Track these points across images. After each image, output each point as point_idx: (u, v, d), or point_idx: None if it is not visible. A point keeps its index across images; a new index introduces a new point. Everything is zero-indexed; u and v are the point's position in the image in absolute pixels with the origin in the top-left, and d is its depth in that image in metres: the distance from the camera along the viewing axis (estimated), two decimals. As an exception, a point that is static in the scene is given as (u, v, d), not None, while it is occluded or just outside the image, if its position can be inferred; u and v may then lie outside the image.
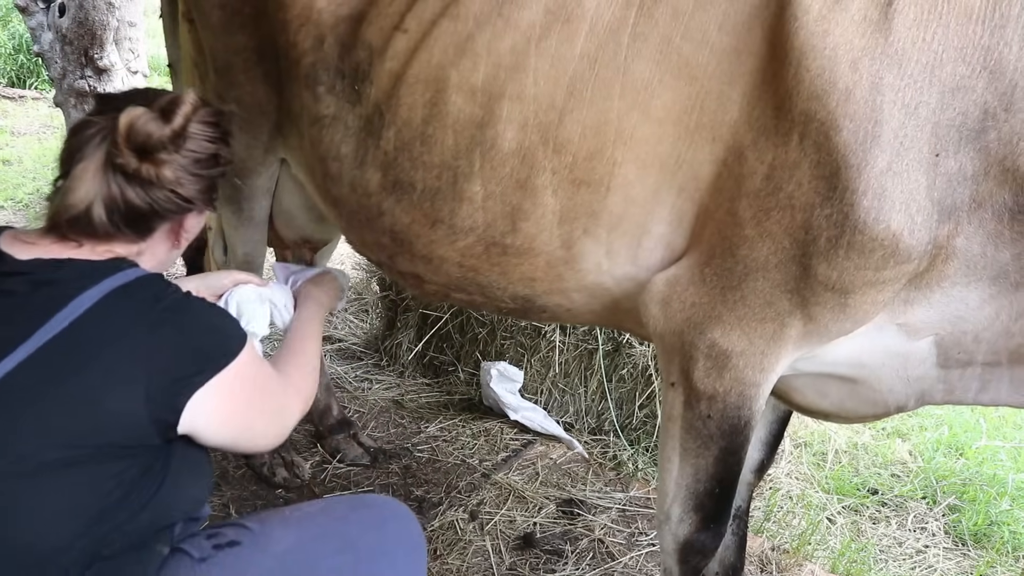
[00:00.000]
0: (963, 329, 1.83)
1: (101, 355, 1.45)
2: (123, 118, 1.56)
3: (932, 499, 3.68)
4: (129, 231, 1.63)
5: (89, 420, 1.43)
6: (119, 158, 1.57)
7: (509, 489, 3.37)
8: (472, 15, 2.00)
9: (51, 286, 1.50)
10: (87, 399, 1.43)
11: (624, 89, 1.85)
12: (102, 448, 1.44)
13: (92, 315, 1.48)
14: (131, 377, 1.45)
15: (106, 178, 1.58)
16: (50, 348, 1.44)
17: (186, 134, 1.64)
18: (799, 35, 1.67)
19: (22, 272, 1.53)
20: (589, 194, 1.93)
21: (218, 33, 2.53)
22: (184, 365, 1.52)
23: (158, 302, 1.55)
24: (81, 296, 1.48)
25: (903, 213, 1.63)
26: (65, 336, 1.45)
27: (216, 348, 1.58)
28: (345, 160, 2.25)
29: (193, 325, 1.58)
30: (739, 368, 1.86)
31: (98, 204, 1.58)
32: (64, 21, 6.25)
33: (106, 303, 1.50)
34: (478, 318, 4.03)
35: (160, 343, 1.50)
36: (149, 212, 1.64)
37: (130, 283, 1.55)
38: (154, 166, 1.60)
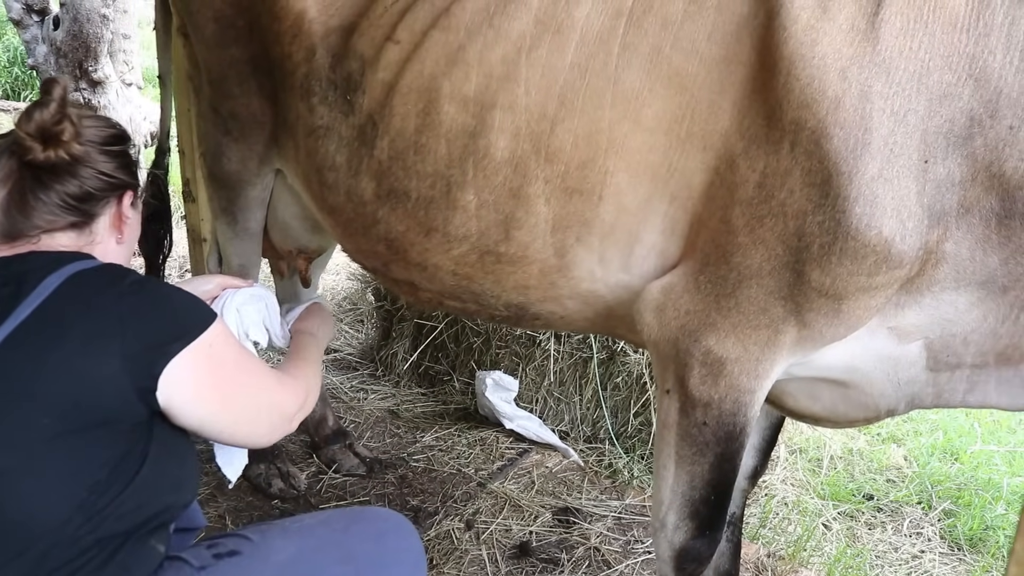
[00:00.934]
0: (952, 332, 1.85)
1: (74, 327, 1.48)
2: (19, 119, 1.65)
3: (927, 504, 3.69)
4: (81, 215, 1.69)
5: (73, 391, 1.45)
6: (37, 155, 1.62)
7: (505, 498, 3.38)
8: (463, 26, 2.02)
9: (18, 276, 1.54)
10: (69, 370, 1.45)
11: (615, 98, 1.87)
12: (88, 421, 1.46)
13: (61, 293, 1.52)
14: (106, 345, 1.48)
15: (16, 174, 1.64)
16: (24, 328, 1.47)
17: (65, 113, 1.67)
18: (788, 45, 1.69)
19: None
20: (581, 203, 1.94)
21: (212, 46, 2.55)
22: (157, 333, 1.54)
23: (124, 278, 1.59)
24: (47, 279, 1.52)
25: (894, 219, 1.65)
26: (37, 315, 1.48)
27: (188, 319, 1.60)
28: (340, 170, 2.26)
29: (162, 298, 1.61)
30: (734, 375, 1.87)
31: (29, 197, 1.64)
32: (59, 34, 6.27)
33: (73, 281, 1.54)
34: (473, 328, 4.04)
35: (130, 312, 1.52)
36: (84, 195, 1.68)
37: (94, 266, 1.60)
38: (65, 149, 1.64)
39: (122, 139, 1.78)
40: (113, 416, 1.49)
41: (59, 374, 1.45)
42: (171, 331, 1.56)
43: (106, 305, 1.52)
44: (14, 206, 1.62)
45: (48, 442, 1.43)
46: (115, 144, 1.75)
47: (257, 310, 2.04)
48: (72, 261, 1.59)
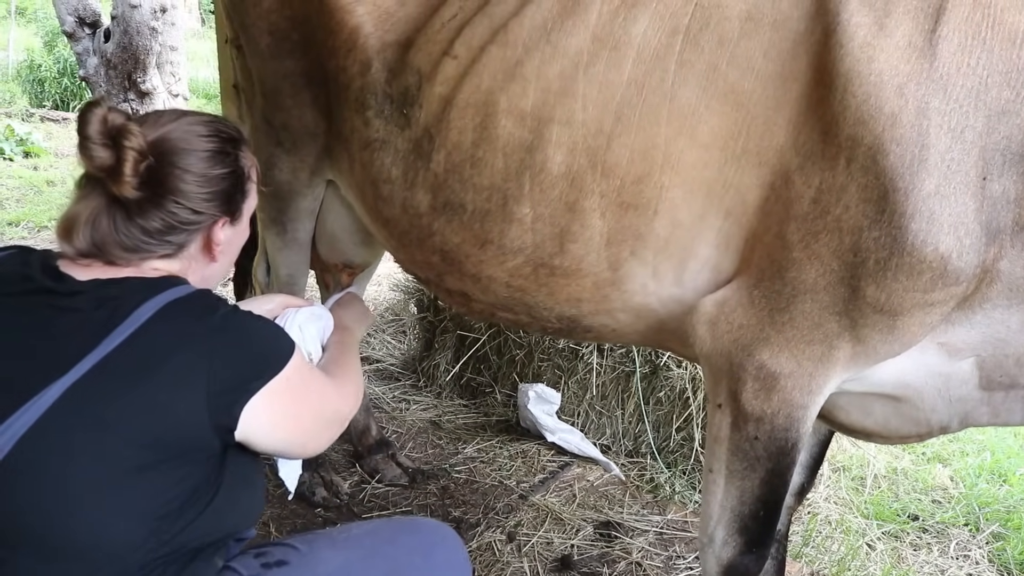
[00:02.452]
0: (1005, 352, 1.84)
1: (164, 361, 1.49)
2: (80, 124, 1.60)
3: (975, 526, 3.64)
4: (172, 237, 1.68)
5: (156, 425, 1.47)
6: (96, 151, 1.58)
7: (546, 511, 3.38)
8: (521, 41, 2.04)
9: (112, 301, 1.55)
10: (154, 403, 1.47)
11: (671, 115, 1.88)
12: (167, 454, 1.48)
13: (152, 324, 1.52)
14: (192, 382, 1.49)
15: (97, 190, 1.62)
16: (115, 357, 1.48)
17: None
18: (844, 61, 1.69)
19: (83, 291, 1.58)
20: (636, 217, 1.95)
21: (267, 59, 2.59)
22: (241, 371, 1.56)
23: (214, 312, 1.59)
24: (140, 308, 1.53)
25: (951, 236, 1.65)
26: (128, 345, 1.49)
27: (270, 355, 1.62)
28: (396, 182, 2.29)
29: (248, 333, 1.62)
30: (787, 390, 1.86)
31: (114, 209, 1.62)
32: (109, 46, 6.41)
33: (164, 313, 1.55)
34: (516, 340, 4.06)
35: (218, 350, 1.54)
36: (166, 210, 1.66)
37: (185, 296, 1.61)
38: (133, 150, 1.60)
39: (225, 161, 1.74)
40: (191, 448, 1.51)
41: (144, 407, 1.46)
42: (254, 368, 1.58)
43: (196, 340, 1.53)
44: (106, 234, 1.63)
45: (126, 473, 1.45)
46: (216, 168, 1.72)
47: (317, 329, 2.08)
48: (167, 288, 1.60)
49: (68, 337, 1.52)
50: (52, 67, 12.94)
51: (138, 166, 1.60)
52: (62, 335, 1.52)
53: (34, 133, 10.27)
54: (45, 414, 1.44)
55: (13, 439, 1.43)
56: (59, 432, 1.44)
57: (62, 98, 12.86)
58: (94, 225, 1.62)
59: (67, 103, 12.82)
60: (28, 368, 1.49)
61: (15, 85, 13.31)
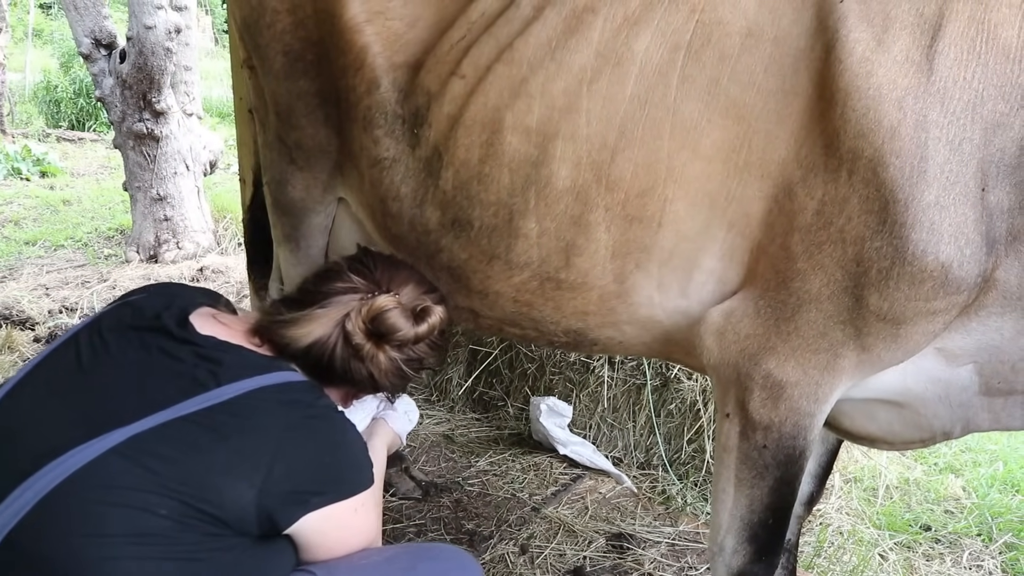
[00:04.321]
0: (1000, 359, 1.87)
1: (229, 441, 1.51)
2: (378, 303, 1.74)
3: (988, 537, 3.63)
4: (319, 377, 1.76)
5: (201, 495, 1.48)
6: (354, 334, 1.73)
7: (559, 523, 3.40)
8: (526, 60, 2.08)
9: (214, 365, 1.59)
10: (204, 480, 1.48)
11: (674, 129, 1.91)
12: (203, 522, 1.48)
13: (237, 402, 1.55)
14: (248, 474, 1.50)
15: (333, 333, 1.73)
16: (188, 420, 1.51)
17: (422, 340, 1.80)
18: (844, 76, 1.73)
19: (194, 343, 1.63)
20: (641, 230, 1.98)
21: (281, 78, 2.63)
22: (307, 479, 1.57)
23: (306, 408, 1.62)
24: (237, 383, 1.57)
25: (952, 245, 1.68)
26: (205, 413, 1.52)
27: (345, 476, 1.63)
28: (405, 200, 2.33)
29: (331, 443, 1.63)
30: (794, 398, 1.89)
31: (316, 348, 1.73)
32: (124, 67, 6.48)
33: (256, 395, 1.57)
34: (527, 353, 4.08)
35: (291, 446, 1.55)
36: (343, 376, 1.77)
37: (286, 383, 1.63)
38: (377, 351, 1.75)
39: (422, 365, 1.87)
40: (229, 524, 1.51)
41: (197, 479, 1.48)
42: (323, 483, 1.58)
43: (269, 432, 1.54)
44: (291, 324, 1.73)
45: (162, 530, 1.45)
46: (415, 369, 1.85)
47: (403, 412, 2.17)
48: (274, 370, 1.64)
49: (158, 384, 1.55)
50: (68, 88, 13.12)
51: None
52: (154, 381, 1.56)
53: (50, 153, 10.41)
54: (102, 456, 1.47)
55: (63, 475, 1.45)
56: (110, 477, 1.45)
57: (78, 118, 13.03)
58: (320, 340, 1.72)
59: (83, 123, 12.99)
60: (107, 405, 1.53)
61: (32, 106, 13.47)
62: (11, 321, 5.28)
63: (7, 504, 1.44)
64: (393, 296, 1.77)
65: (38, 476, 1.45)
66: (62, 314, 5.49)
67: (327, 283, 1.78)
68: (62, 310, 5.55)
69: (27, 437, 1.52)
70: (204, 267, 6.57)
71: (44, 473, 1.45)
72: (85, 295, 5.85)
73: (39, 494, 1.44)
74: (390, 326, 1.74)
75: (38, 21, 17.93)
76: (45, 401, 1.57)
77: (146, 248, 6.87)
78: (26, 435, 1.52)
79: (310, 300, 1.77)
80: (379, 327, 1.74)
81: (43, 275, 6.35)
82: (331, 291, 1.77)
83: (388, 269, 1.87)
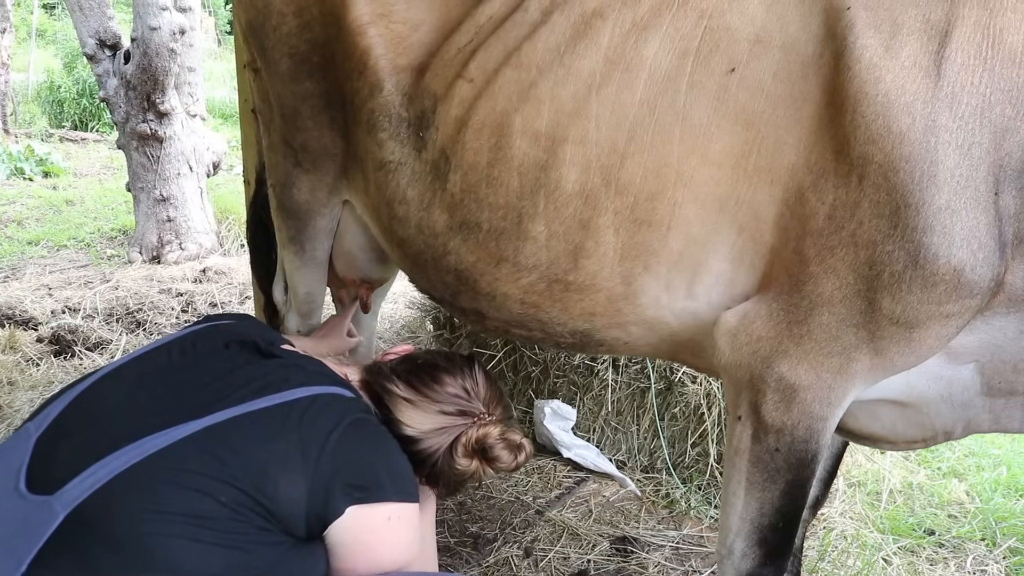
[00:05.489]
0: (1003, 359, 1.87)
1: (292, 435, 1.63)
2: (491, 432, 1.93)
3: (992, 541, 3.63)
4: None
5: (263, 482, 1.59)
6: (460, 454, 1.91)
7: (563, 526, 3.40)
8: (535, 64, 2.08)
9: (291, 370, 1.76)
10: (267, 466, 1.60)
11: (683, 134, 1.92)
12: (263, 508, 1.59)
13: (299, 403, 1.68)
14: (304, 463, 1.62)
15: (440, 441, 1.91)
16: (259, 414, 1.65)
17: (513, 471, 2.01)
18: (853, 83, 1.73)
19: (278, 357, 1.81)
20: (650, 233, 1.99)
21: (286, 81, 2.63)
22: (354, 475, 1.66)
23: (362, 418, 1.75)
24: (304, 388, 1.71)
25: (965, 249, 1.68)
26: (275, 410, 1.66)
27: (385, 480, 1.71)
28: (411, 203, 2.34)
29: (381, 451, 1.75)
30: (807, 402, 1.89)
31: (424, 443, 1.90)
32: (129, 68, 6.49)
33: (316, 399, 1.71)
34: (531, 356, 4.09)
35: (342, 444, 1.66)
36: (430, 474, 1.95)
37: (344, 396, 1.77)
38: (476, 464, 1.94)
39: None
40: (279, 520, 1.61)
41: (255, 465, 1.59)
42: (364, 480, 1.68)
43: (323, 430, 1.66)
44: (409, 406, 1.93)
45: (219, 517, 1.55)
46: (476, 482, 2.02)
47: None
48: (337, 384, 1.79)
49: (237, 385, 1.70)
50: (71, 88, 13.14)
51: None
52: (233, 382, 1.71)
53: (53, 153, 10.42)
54: (178, 442, 1.59)
55: (140, 456, 1.57)
56: (181, 461, 1.58)
57: (81, 119, 13.05)
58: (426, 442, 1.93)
59: (86, 124, 13.01)
60: (188, 400, 1.67)
61: (35, 106, 13.50)
62: (14, 321, 5.29)
63: (83, 478, 1.55)
64: (499, 428, 1.95)
65: (114, 456, 1.57)
66: (65, 314, 5.49)
67: (437, 387, 1.97)
68: (65, 310, 5.56)
69: (110, 421, 1.65)
70: (207, 268, 6.58)
71: (121, 454, 1.57)
72: (88, 295, 5.85)
73: (115, 471, 1.55)
74: (495, 456, 1.93)
75: (42, 21, 17.96)
76: (132, 392, 1.73)
77: (149, 249, 6.87)
78: (109, 420, 1.66)
79: (426, 392, 1.96)
80: (485, 453, 1.92)
81: (46, 275, 6.35)
82: (443, 398, 1.95)
83: (488, 384, 2.05)
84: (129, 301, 5.79)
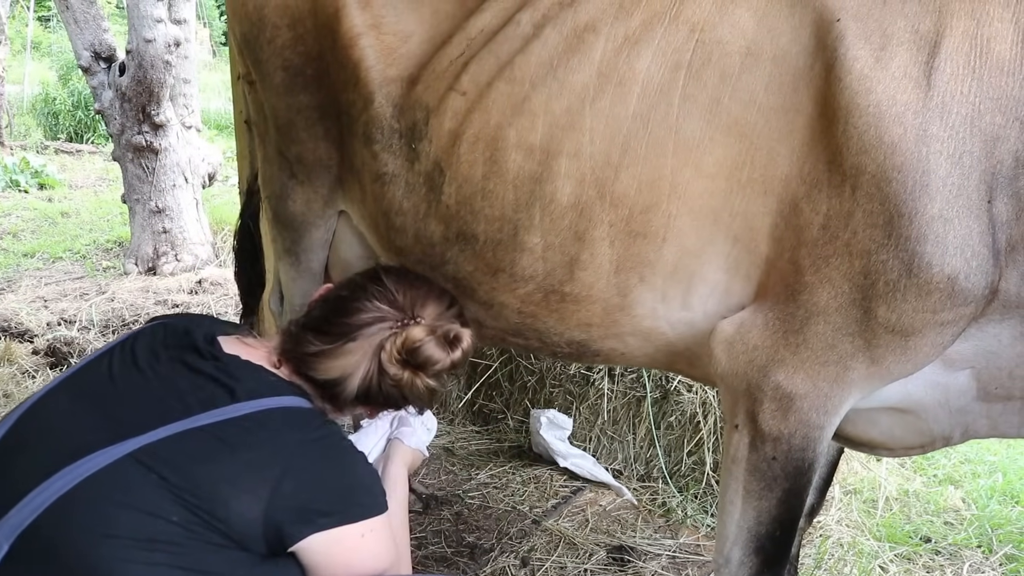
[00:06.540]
0: (998, 365, 1.89)
1: (241, 453, 1.55)
2: (412, 336, 1.77)
3: (988, 548, 3.63)
4: (352, 405, 1.82)
5: (214, 504, 1.51)
6: (389, 366, 1.77)
7: (559, 536, 3.40)
8: (528, 78, 2.10)
9: (233, 380, 1.64)
10: (216, 486, 1.52)
11: (676, 147, 1.93)
12: (217, 527, 1.51)
13: (253, 417, 1.59)
14: (254, 488, 1.53)
15: (369, 366, 1.77)
16: (205, 431, 1.56)
17: (457, 367, 1.84)
18: (844, 94, 1.75)
19: (217, 359, 1.69)
20: (645, 245, 2.00)
21: (281, 93, 2.64)
22: (315, 499, 1.58)
23: (317, 432, 1.65)
24: (251, 401, 1.61)
25: (958, 258, 1.70)
26: (218, 427, 1.56)
27: (353, 500, 1.63)
28: (408, 214, 2.35)
29: (340, 467, 1.65)
30: (803, 410, 1.90)
31: (352, 383, 1.78)
32: (124, 79, 6.50)
33: (268, 415, 1.61)
34: (527, 366, 4.09)
35: (300, 465, 1.57)
36: (379, 401, 1.83)
37: (296, 408, 1.67)
38: (414, 378, 1.79)
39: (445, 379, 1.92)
40: (233, 539, 1.53)
41: (205, 485, 1.51)
42: (333, 505, 1.60)
43: (278, 449, 1.57)
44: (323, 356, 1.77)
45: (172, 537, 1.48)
46: (442, 384, 1.89)
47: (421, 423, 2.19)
48: (287, 394, 1.69)
49: (179, 396, 1.61)
50: (67, 100, 13.14)
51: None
52: (175, 393, 1.62)
53: (49, 165, 10.42)
54: (119, 460, 1.52)
55: (80, 477, 1.50)
56: (126, 481, 1.50)
57: (76, 131, 13.05)
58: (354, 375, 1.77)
59: (81, 136, 13.01)
60: (129, 413, 1.58)
61: (30, 118, 13.49)
62: (9, 333, 5.29)
63: (27, 502, 1.49)
64: (425, 327, 1.80)
65: (58, 477, 1.50)
66: (60, 326, 5.49)
67: (353, 314, 1.81)
68: (60, 322, 5.56)
69: (52, 440, 1.58)
70: (202, 279, 6.58)
71: (64, 474, 1.50)
72: (84, 307, 5.85)
73: (56, 494, 1.49)
74: (426, 358, 1.78)
75: (36, 33, 17.95)
76: (73, 407, 1.64)
77: (145, 260, 6.87)
78: (51, 438, 1.59)
79: (338, 332, 1.80)
80: (415, 359, 1.77)
81: (41, 287, 6.35)
82: (359, 323, 1.79)
83: (409, 289, 1.88)
84: (125, 313, 5.79)
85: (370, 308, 1.81)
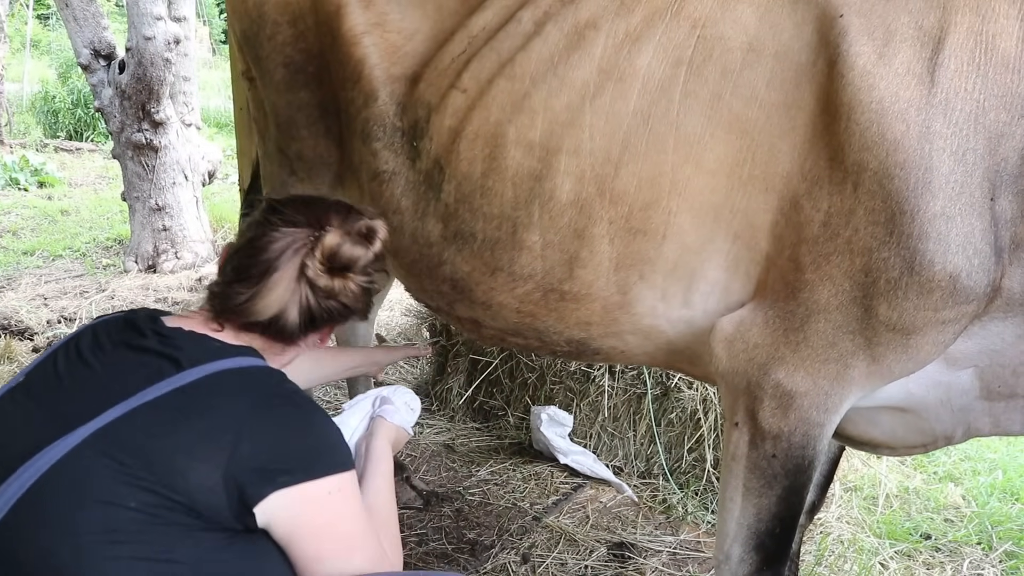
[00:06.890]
0: (1001, 363, 1.88)
1: (190, 425, 1.50)
2: (328, 241, 1.74)
3: (988, 545, 3.63)
4: (302, 334, 1.78)
5: (172, 477, 1.45)
6: (318, 278, 1.73)
7: (560, 532, 3.40)
8: (528, 75, 2.09)
9: (176, 351, 1.60)
10: (172, 462, 1.46)
11: (677, 143, 1.93)
12: (180, 504, 1.46)
13: (198, 385, 1.55)
14: (210, 455, 1.48)
15: (298, 288, 1.73)
16: (154, 405, 1.51)
17: (381, 258, 1.83)
18: (847, 90, 1.74)
19: (159, 334, 1.65)
20: (645, 242, 2.00)
21: (282, 90, 2.64)
22: (273, 458, 1.52)
23: (270, 390, 1.61)
24: (198, 367, 1.57)
25: (960, 255, 1.69)
26: (167, 399, 1.52)
27: (314, 456, 1.58)
28: (406, 213, 2.34)
29: (297, 424, 1.59)
30: (803, 408, 1.90)
31: (292, 311, 1.73)
32: (124, 77, 6.49)
33: (218, 378, 1.57)
34: (528, 363, 4.09)
35: (256, 426, 1.52)
36: (323, 319, 1.78)
37: (248, 367, 1.64)
38: (345, 282, 1.76)
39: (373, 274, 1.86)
40: (201, 513, 1.47)
41: (163, 462, 1.46)
42: (292, 463, 1.54)
43: (231, 412, 1.53)
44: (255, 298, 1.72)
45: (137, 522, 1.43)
46: (372, 281, 1.85)
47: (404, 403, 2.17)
48: (236, 355, 1.64)
49: (124, 376, 1.56)
50: (66, 98, 13.14)
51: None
52: (121, 374, 1.58)
53: (48, 163, 10.41)
54: (71, 452, 1.47)
55: (35, 475, 1.46)
56: (79, 472, 1.45)
57: (76, 129, 13.05)
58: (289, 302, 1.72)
59: (81, 134, 13.01)
60: (77, 403, 1.54)
61: (30, 116, 13.49)
62: (9, 331, 5.28)
63: None
64: (336, 231, 1.76)
65: (12, 479, 1.46)
66: (60, 324, 5.49)
67: (265, 249, 1.75)
68: (60, 320, 5.55)
69: (6, 444, 1.54)
70: (202, 277, 6.58)
71: (18, 475, 1.46)
72: (84, 305, 5.84)
73: (13, 498, 1.45)
74: (349, 258, 1.75)
75: (36, 32, 17.94)
76: (23, 409, 1.59)
77: (144, 258, 6.87)
78: (5, 442, 1.54)
79: (259, 271, 1.74)
80: (338, 263, 1.74)
81: (41, 285, 6.34)
82: (275, 253, 1.74)
83: (307, 208, 1.83)
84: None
85: (279, 236, 1.75)
